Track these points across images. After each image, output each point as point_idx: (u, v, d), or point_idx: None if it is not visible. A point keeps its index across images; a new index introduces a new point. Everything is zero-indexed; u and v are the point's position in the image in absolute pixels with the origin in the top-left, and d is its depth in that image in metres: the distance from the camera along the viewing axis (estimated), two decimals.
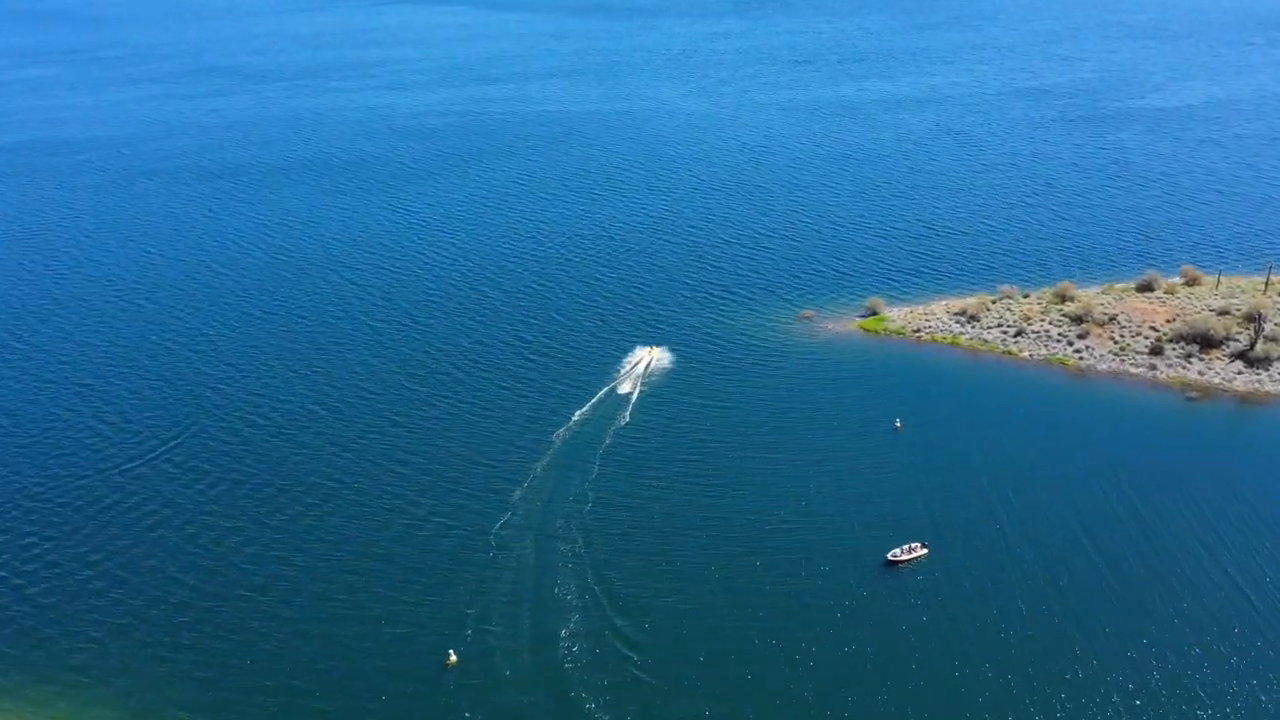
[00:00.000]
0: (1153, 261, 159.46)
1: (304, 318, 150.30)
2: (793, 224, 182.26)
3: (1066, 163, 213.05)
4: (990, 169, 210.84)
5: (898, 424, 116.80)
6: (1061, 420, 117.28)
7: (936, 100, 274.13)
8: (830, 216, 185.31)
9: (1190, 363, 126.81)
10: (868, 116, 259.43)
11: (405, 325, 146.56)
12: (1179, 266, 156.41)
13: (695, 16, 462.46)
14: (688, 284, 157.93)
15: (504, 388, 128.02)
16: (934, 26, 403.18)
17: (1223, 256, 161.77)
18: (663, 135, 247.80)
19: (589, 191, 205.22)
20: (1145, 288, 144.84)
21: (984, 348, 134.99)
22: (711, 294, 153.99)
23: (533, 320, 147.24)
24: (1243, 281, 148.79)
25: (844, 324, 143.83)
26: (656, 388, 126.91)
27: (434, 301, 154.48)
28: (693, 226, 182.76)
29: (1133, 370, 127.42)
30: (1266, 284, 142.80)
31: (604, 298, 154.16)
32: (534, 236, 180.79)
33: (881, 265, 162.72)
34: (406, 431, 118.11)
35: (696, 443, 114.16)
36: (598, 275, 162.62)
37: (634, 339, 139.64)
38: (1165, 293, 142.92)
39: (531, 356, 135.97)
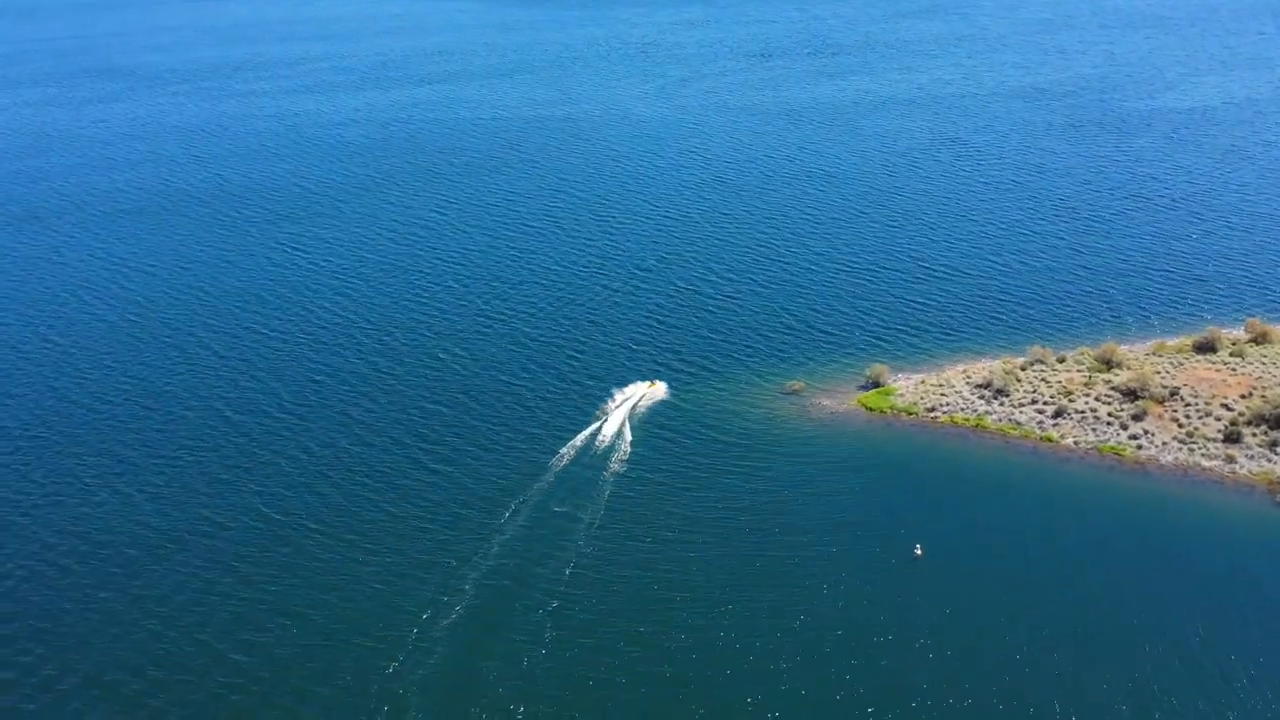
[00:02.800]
0: (1203, 308, 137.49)
1: (149, 406, 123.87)
2: (765, 263, 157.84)
3: (1078, 179, 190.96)
4: (992, 188, 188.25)
5: (917, 550, 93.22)
6: (1127, 542, 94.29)
7: (924, 101, 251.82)
8: (810, 253, 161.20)
9: (1275, 453, 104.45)
10: (848, 122, 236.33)
11: (272, 419, 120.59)
12: (1237, 315, 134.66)
13: (656, 4, 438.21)
14: (633, 350, 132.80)
15: (392, 512, 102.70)
16: (915, 14, 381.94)
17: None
18: (615, 149, 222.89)
19: (520, 224, 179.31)
20: (1205, 347, 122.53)
21: (1016, 433, 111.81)
22: (666, 363, 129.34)
23: (433, 415, 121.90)
24: None
25: (841, 399, 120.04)
26: (585, 507, 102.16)
27: (319, 369, 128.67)
28: (644, 271, 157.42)
29: (1205, 463, 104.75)
30: None
31: (532, 372, 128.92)
32: (448, 286, 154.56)
33: (879, 317, 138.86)
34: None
35: (641, 591, 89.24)
36: (526, 339, 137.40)
37: (546, 440, 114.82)
38: (1231, 353, 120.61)
39: (434, 465, 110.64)
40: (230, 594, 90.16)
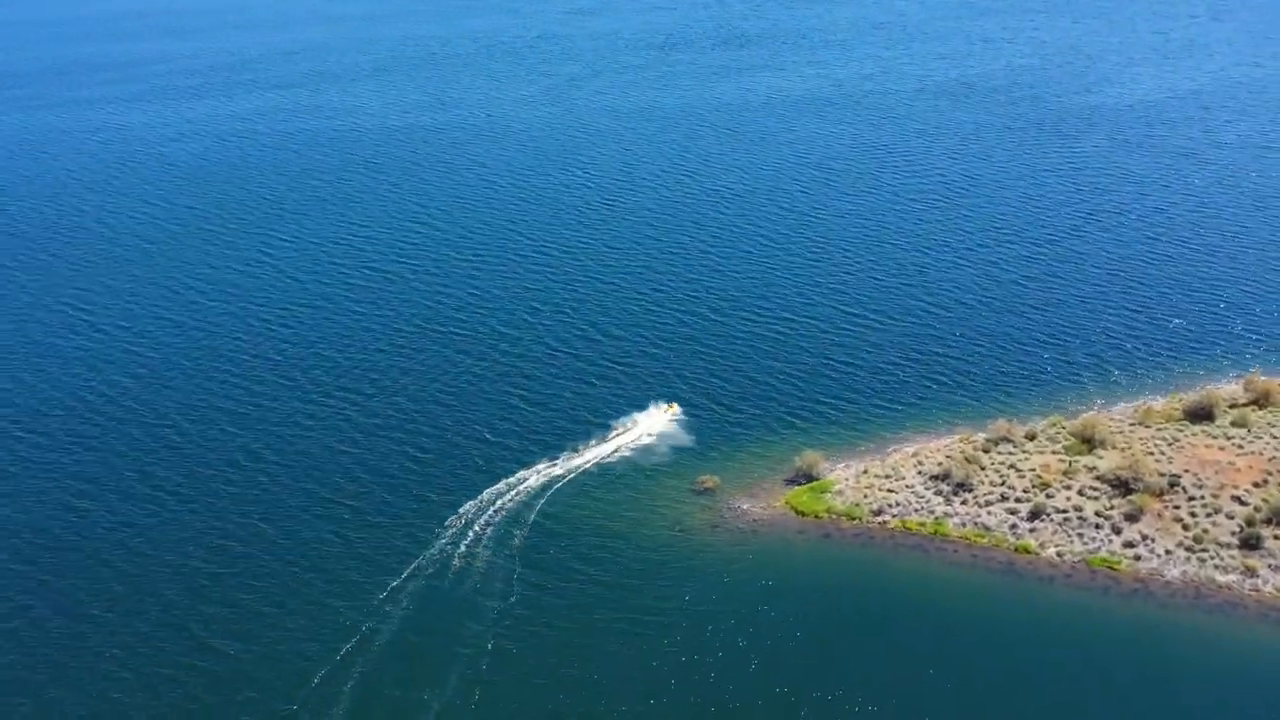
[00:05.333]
0: (1186, 354, 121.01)
1: None
2: (657, 313, 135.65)
3: (1020, 193, 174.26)
4: (922, 206, 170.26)
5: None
6: (1131, 687, 76.74)
7: (841, 101, 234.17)
8: (713, 298, 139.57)
9: None
10: (757, 127, 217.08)
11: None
12: (1225, 358, 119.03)
13: None
14: (489, 442, 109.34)
15: None
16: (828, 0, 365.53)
17: (1275, 339, 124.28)
18: (491, 166, 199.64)
19: (365, 268, 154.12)
20: (1200, 413, 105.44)
21: (985, 541, 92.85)
22: (538, 453, 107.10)
23: (222, 551, 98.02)
24: None
25: (765, 499, 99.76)
26: (431, 686, 79.92)
27: (84, 454, 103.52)
28: (512, 330, 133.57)
29: (1220, 578, 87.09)
30: None
31: (360, 485, 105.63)
32: (261, 358, 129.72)
33: (803, 384, 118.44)
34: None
35: None
36: (360, 431, 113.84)
37: (377, 560, 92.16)
38: (1233, 422, 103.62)
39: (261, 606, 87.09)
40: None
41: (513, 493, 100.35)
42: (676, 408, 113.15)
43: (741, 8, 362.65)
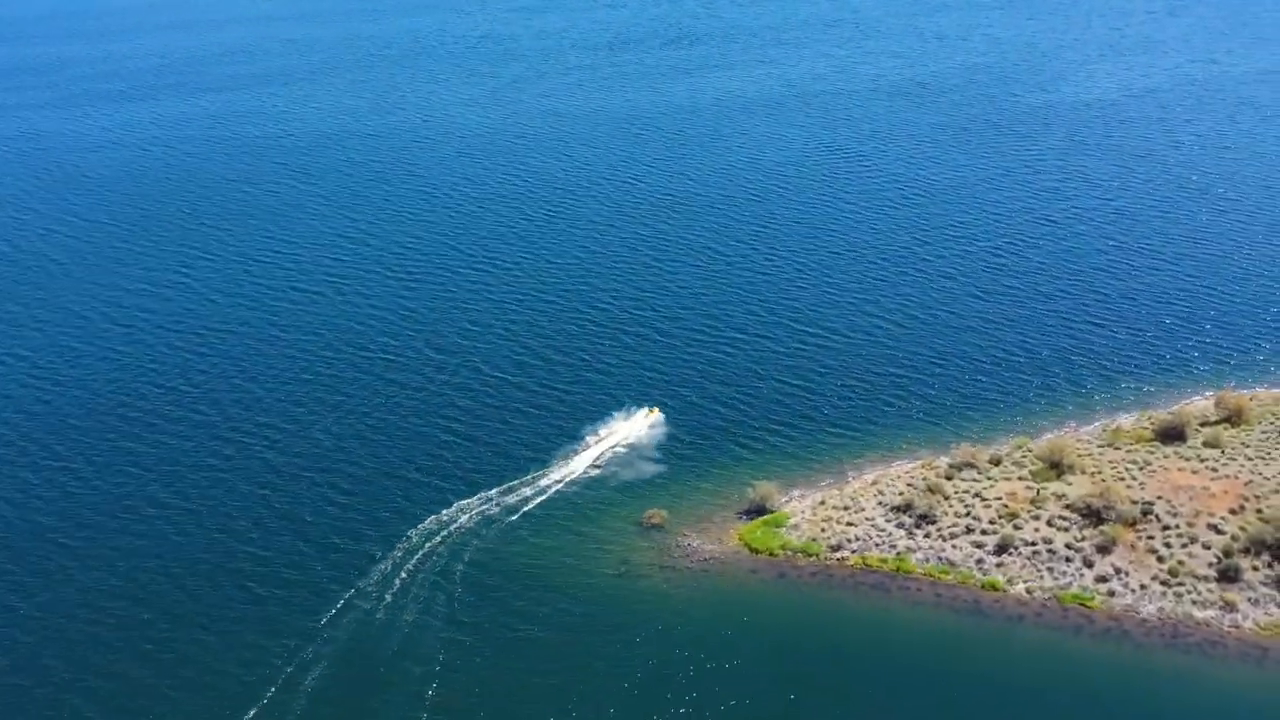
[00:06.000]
0: (1153, 368, 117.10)
1: None
2: (600, 333, 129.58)
3: (977, 197, 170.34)
4: (877, 212, 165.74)
5: None
6: None
7: (794, 103, 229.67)
8: (660, 317, 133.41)
9: None
10: (706, 130, 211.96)
11: None
12: (1194, 371, 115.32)
13: None
14: (412, 480, 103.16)
15: None
16: None
17: (1244, 352, 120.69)
18: (428, 174, 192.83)
19: (290, 288, 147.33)
20: (1171, 433, 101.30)
21: (950, 578, 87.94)
22: (469, 489, 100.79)
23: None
24: None
25: (717, 535, 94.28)
26: None
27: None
28: (442, 354, 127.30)
29: (1198, 614, 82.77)
30: None
31: (268, 532, 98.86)
32: (173, 391, 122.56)
33: (754, 407, 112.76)
34: None
35: None
36: (279, 471, 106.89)
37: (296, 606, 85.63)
38: (1205, 442, 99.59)
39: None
40: None
41: (442, 536, 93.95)
42: (659, 412, 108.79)
43: (692, 5, 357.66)
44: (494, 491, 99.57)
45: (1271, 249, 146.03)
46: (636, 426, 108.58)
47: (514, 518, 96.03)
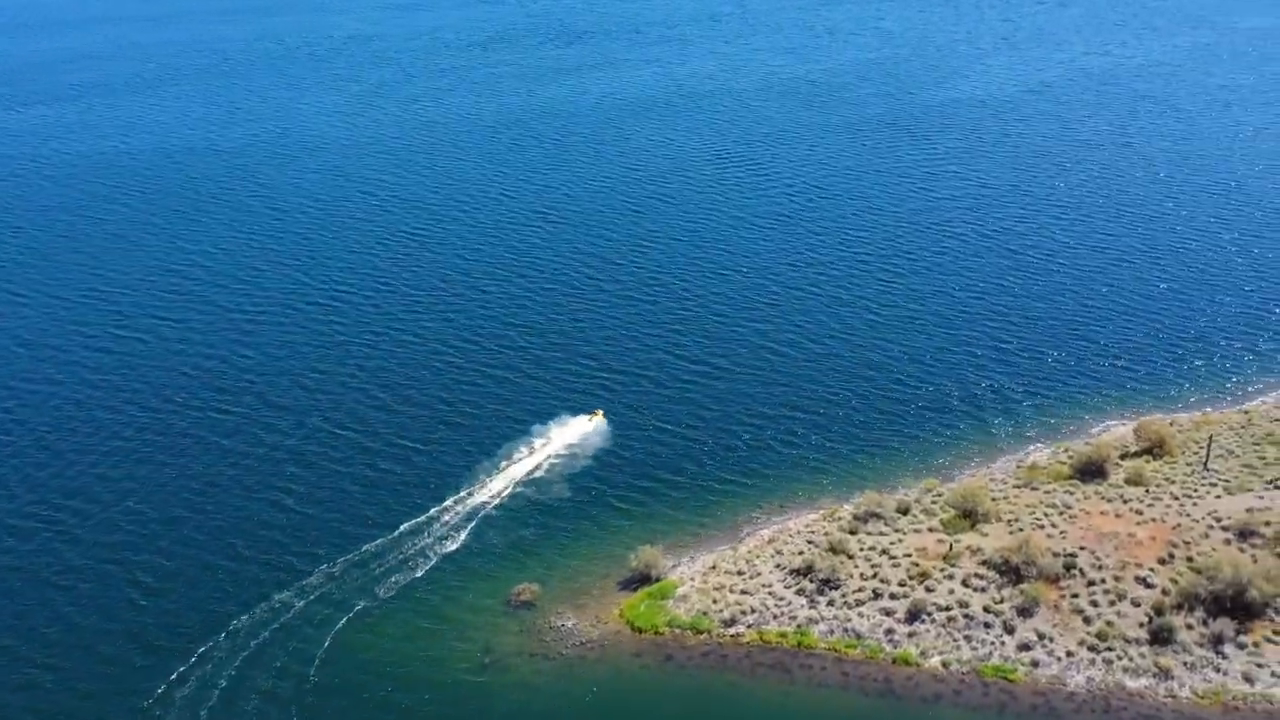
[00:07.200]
0: (1066, 393, 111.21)
1: None
2: (461, 373, 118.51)
3: (873, 205, 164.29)
4: (769, 223, 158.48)
5: None
6: None
7: (680, 104, 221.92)
8: (531, 350, 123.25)
9: (1223, 654, 76.99)
10: (587, 135, 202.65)
11: None
12: (1112, 404, 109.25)
13: None
14: (257, 536, 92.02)
15: None
16: None
17: (1153, 373, 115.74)
18: (280, 194, 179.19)
19: (111, 329, 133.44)
20: (1090, 469, 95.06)
21: (858, 652, 79.64)
22: (311, 553, 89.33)
23: None
24: (1223, 418, 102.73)
25: (596, 613, 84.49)
26: None
27: None
28: (274, 414, 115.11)
29: (1130, 684, 75.95)
30: None
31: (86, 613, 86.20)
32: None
33: (635, 453, 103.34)
34: None
35: None
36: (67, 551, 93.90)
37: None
38: (1127, 479, 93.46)
39: None
40: None
41: (271, 628, 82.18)
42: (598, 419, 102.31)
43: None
44: (338, 567, 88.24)
45: (1179, 258, 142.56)
46: (506, 482, 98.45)
47: (362, 602, 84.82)
